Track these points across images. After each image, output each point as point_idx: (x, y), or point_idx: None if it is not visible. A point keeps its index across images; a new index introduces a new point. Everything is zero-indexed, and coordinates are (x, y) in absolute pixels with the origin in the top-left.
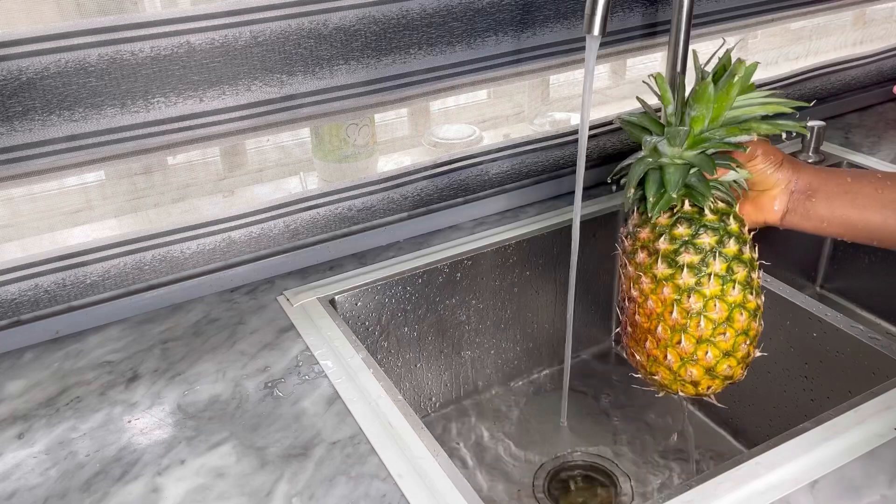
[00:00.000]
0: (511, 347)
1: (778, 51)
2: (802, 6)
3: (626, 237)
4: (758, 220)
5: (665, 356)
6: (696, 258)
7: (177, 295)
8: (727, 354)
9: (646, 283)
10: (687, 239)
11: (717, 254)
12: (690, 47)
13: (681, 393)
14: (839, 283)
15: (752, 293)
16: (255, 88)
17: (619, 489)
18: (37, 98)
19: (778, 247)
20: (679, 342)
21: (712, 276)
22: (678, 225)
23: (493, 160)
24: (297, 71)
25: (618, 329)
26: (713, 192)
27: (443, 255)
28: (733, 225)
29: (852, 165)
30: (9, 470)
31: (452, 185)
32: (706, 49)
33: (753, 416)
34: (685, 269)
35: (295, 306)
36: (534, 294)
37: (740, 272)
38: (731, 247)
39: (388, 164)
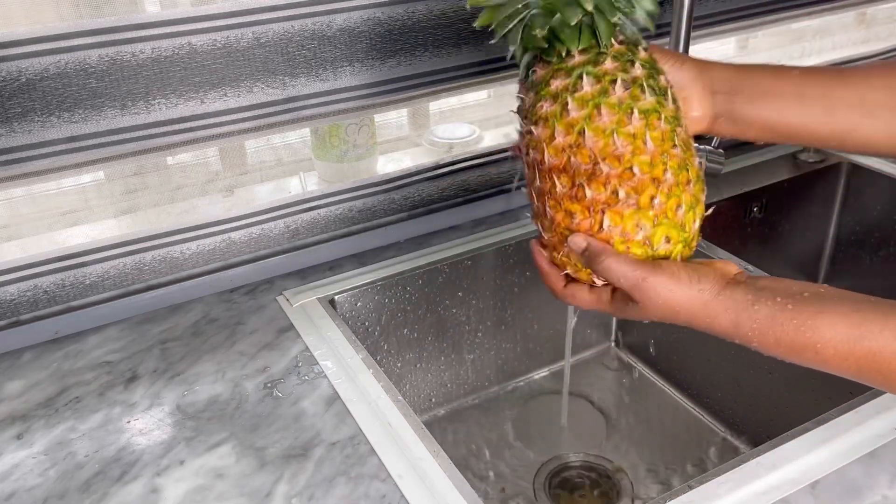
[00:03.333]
0: (511, 348)
1: (779, 50)
2: (803, 6)
3: (529, 124)
4: None
5: (639, 227)
6: (626, 95)
7: (176, 295)
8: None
9: (572, 149)
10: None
11: (648, 88)
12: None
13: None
14: (840, 284)
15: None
16: (257, 90)
17: (619, 490)
18: (36, 99)
19: (778, 247)
20: (654, 198)
21: (645, 113)
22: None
23: (494, 160)
24: (301, 73)
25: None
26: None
27: (443, 255)
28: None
29: (855, 165)
30: (8, 470)
31: (453, 185)
32: (706, 48)
33: (754, 416)
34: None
35: (294, 306)
36: (534, 294)
37: (668, 109)
38: (663, 82)
39: (388, 163)
